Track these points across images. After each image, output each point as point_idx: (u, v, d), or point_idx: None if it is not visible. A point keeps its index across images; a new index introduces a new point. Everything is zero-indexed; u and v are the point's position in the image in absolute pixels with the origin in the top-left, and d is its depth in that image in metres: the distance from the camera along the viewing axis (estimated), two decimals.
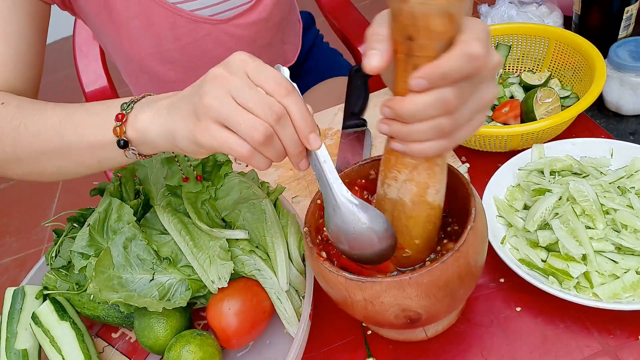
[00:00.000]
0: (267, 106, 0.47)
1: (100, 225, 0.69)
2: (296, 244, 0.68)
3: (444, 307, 0.53)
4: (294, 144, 0.50)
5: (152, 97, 0.57)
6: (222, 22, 0.89)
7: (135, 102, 0.56)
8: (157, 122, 0.53)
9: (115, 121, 0.55)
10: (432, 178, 0.50)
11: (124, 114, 0.55)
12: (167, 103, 0.54)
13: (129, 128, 0.55)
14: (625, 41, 0.83)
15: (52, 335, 0.66)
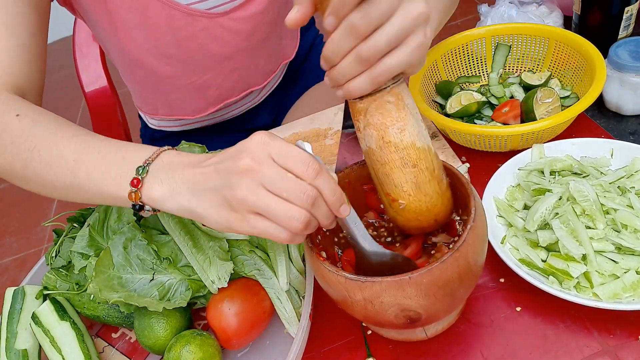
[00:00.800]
0: (301, 192, 0.48)
1: (100, 225, 0.69)
2: (297, 244, 0.68)
3: (443, 306, 0.53)
4: (327, 218, 0.51)
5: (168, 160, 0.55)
6: (218, 15, 0.89)
7: (150, 164, 0.54)
8: (177, 201, 0.53)
9: (131, 186, 0.54)
10: (388, 116, 0.50)
11: (139, 179, 0.54)
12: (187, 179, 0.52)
13: (144, 196, 0.54)
14: (625, 41, 0.83)
15: (52, 335, 0.66)
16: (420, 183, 0.53)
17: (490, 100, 0.90)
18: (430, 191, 0.54)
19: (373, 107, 0.50)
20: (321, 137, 0.94)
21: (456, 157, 0.82)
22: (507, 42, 0.93)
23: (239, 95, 1.03)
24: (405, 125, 0.51)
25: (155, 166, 0.54)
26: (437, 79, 0.93)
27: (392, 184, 0.53)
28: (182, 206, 0.52)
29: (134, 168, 0.54)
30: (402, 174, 0.52)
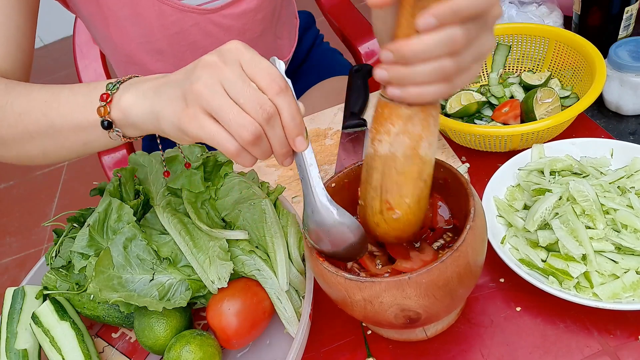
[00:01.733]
0: (258, 104, 0.47)
1: (100, 225, 0.69)
2: (296, 244, 0.68)
3: (443, 306, 0.53)
4: (281, 144, 0.49)
5: (140, 78, 0.56)
6: (209, 12, 0.89)
7: (121, 83, 0.55)
8: (142, 103, 0.53)
9: (100, 101, 0.55)
10: (426, 130, 0.49)
11: (109, 94, 0.54)
12: (155, 84, 0.53)
13: (113, 108, 0.54)
14: (625, 41, 0.83)
15: (52, 335, 0.66)
16: (422, 198, 0.54)
17: (490, 100, 0.90)
18: (424, 206, 0.55)
19: (419, 118, 0.49)
20: (321, 137, 0.94)
21: (456, 157, 0.82)
22: (507, 42, 0.93)
23: None
24: (434, 141, 0.51)
25: (126, 83, 0.55)
26: None
27: (398, 194, 0.53)
28: (145, 110, 0.52)
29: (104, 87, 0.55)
30: (412, 187, 0.52)
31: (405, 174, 0.51)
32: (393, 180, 0.52)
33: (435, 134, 0.51)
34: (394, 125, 0.49)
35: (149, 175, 0.73)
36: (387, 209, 0.54)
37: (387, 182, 0.53)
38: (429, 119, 0.49)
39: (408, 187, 0.52)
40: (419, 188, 0.52)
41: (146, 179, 0.73)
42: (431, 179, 0.53)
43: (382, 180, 0.53)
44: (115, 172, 0.73)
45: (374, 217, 0.56)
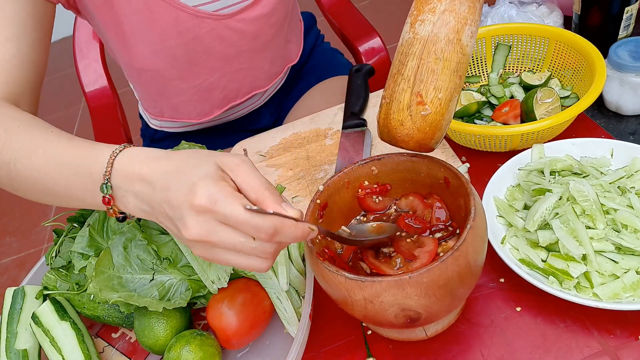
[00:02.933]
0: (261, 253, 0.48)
1: (100, 225, 0.69)
2: (296, 244, 0.68)
3: (444, 306, 0.53)
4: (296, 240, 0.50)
5: (124, 173, 0.53)
6: (225, 17, 0.89)
7: (109, 180, 0.54)
8: (148, 217, 0.53)
9: (104, 204, 0.55)
10: (472, 14, 0.47)
11: (109, 199, 0.54)
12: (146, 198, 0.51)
13: (121, 209, 0.55)
14: (625, 41, 0.83)
15: (52, 335, 0.66)
16: (454, 97, 0.50)
17: (490, 100, 0.90)
18: (453, 110, 0.52)
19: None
20: (321, 137, 0.94)
21: (456, 157, 0.82)
22: (507, 42, 0.93)
23: (243, 97, 1.04)
24: (474, 33, 0.49)
25: (115, 182, 0.54)
26: None
27: (432, 85, 0.49)
28: (155, 221, 0.53)
29: (99, 187, 0.54)
30: (448, 79, 0.49)
31: (444, 60, 0.49)
32: (430, 68, 0.49)
33: (477, 24, 0.48)
34: (441, 1, 0.47)
35: None
36: (418, 103, 0.51)
37: (423, 70, 0.49)
38: (476, 4, 0.47)
39: (444, 78, 0.49)
40: (454, 83, 0.49)
41: None
42: (462, 82, 0.50)
43: (417, 68, 0.50)
44: None
45: (400, 114, 0.52)
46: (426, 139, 0.53)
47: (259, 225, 0.46)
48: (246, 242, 0.47)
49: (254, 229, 0.46)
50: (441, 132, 0.53)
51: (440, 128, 0.52)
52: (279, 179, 0.89)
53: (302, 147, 0.93)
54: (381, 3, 3.03)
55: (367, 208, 0.66)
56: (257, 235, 0.47)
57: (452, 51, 0.48)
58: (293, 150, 0.93)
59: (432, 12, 0.48)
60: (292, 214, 0.48)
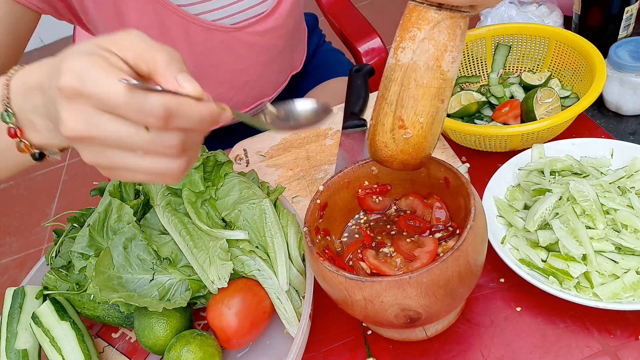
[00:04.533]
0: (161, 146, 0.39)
1: (100, 226, 0.69)
2: (296, 244, 0.68)
3: (444, 306, 0.53)
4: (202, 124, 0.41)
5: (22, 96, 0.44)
6: (235, 29, 0.89)
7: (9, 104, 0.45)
8: (56, 137, 0.45)
9: (11, 137, 0.45)
10: (453, 40, 0.48)
11: (15, 129, 0.45)
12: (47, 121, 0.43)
13: (32, 139, 0.46)
14: (625, 41, 0.83)
15: (52, 335, 0.66)
16: (436, 121, 0.51)
17: (490, 100, 0.90)
18: (436, 132, 0.52)
19: (445, 24, 0.48)
20: (321, 137, 0.94)
21: (456, 157, 0.82)
22: (507, 42, 0.93)
23: (249, 107, 1.04)
24: (456, 59, 0.49)
25: (16, 105, 0.44)
26: None
27: (413, 110, 0.50)
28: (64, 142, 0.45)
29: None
30: (429, 104, 0.50)
31: (425, 87, 0.50)
32: (410, 94, 0.50)
33: (460, 49, 0.49)
34: (421, 29, 0.48)
35: None
36: (400, 127, 0.52)
37: (404, 96, 0.51)
38: (456, 30, 0.48)
39: (425, 103, 0.50)
40: (435, 107, 0.50)
41: None
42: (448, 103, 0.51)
43: (399, 93, 0.51)
44: None
45: (384, 136, 0.53)
46: (409, 159, 0.54)
47: (144, 106, 0.36)
48: (137, 132, 0.37)
49: (138, 111, 0.36)
50: (424, 153, 0.55)
51: (423, 150, 0.54)
52: (279, 179, 0.89)
53: (302, 147, 0.94)
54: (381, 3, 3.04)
55: (367, 208, 0.66)
56: (145, 121, 0.37)
57: (432, 78, 0.49)
58: (293, 150, 0.93)
59: (412, 40, 0.49)
60: (190, 90, 0.38)
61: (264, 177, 0.89)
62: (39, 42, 3.66)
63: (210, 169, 0.73)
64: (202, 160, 0.71)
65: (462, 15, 0.49)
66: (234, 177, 0.72)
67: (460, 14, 0.49)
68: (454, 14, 0.48)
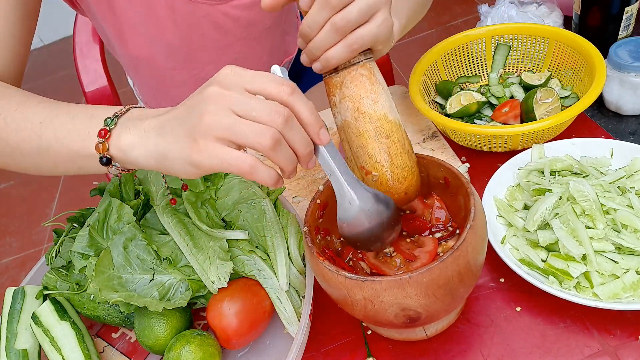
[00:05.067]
0: (272, 111, 0.46)
1: (100, 226, 0.69)
2: (296, 244, 0.68)
3: (444, 306, 0.53)
4: (304, 144, 0.48)
5: (138, 113, 0.54)
6: (219, 2, 0.89)
7: (119, 117, 0.53)
8: (145, 144, 0.51)
9: (98, 137, 0.53)
10: (362, 88, 0.53)
11: (107, 130, 0.52)
12: (156, 123, 0.51)
13: (112, 146, 0.52)
14: (625, 41, 0.83)
15: (52, 335, 0.66)
16: (392, 154, 0.55)
17: (490, 100, 0.90)
18: (401, 163, 0.55)
19: (348, 80, 0.54)
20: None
21: (456, 157, 0.82)
22: (507, 42, 0.93)
23: None
24: (378, 98, 0.54)
25: (124, 118, 0.53)
26: (437, 79, 0.93)
27: (366, 155, 0.55)
28: (149, 151, 0.51)
29: (102, 121, 0.53)
30: (376, 145, 0.54)
31: (362, 134, 0.54)
32: (356, 145, 0.55)
33: (376, 90, 0.54)
34: (335, 95, 0.55)
35: (149, 175, 0.73)
36: (366, 174, 0.56)
37: (354, 149, 0.56)
38: (360, 78, 0.53)
39: (372, 146, 0.54)
40: (384, 144, 0.54)
41: (146, 179, 0.73)
42: (399, 136, 0.55)
43: (350, 149, 0.56)
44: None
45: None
46: (395, 195, 0.57)
47: (279, 79, 0.47)
48: (256, 98, 0.46)
49: (273, 81, 0.47)
50: (404, 184, 0.57)
51: (399, 182, 0.56)
52: None
53: None
54: None
55: None
56: (275, 88, 0.47)
57: (364, 124, 0.54)
58: None
59: (335, 106, 0.56)
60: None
61: None
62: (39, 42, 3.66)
63: None
64: None
65: (360, 65, 0.55)
66: (234, 177, 0.72)
67: (356, 65, 0.55)
68: (350, 69, 0.54)
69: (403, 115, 0.92)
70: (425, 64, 0.90)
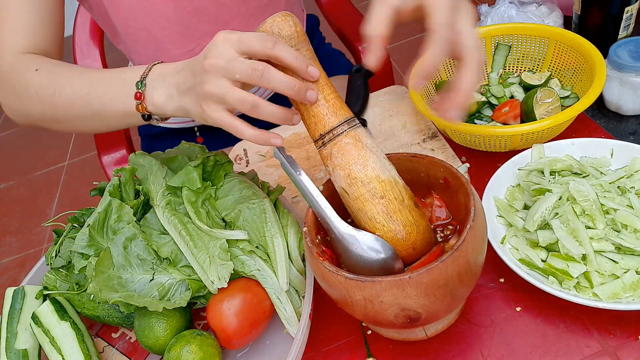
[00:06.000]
0: (249, 69, 0.53)
1: (100, 225, 0.69)
2: (296, 244, 0.68)
3: (443, 306, 0.53)
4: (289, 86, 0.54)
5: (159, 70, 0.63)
6: None
7: (145, 78, 0.63)
8: (171, 103, 0.61)
9: (135, 99, 0.63)
10: (349, 156, 0.56)
11: (140, 93, 0.63)
12: (175, 82, 0.61)
13: (148, 105, 0.63)
14: (625, 41, 0.83)
15: (52, 335, 0.66)
16: (391, 213, 0.56)
17: (490, 100, 0.90)
18: (402, 220, 0.56)
19: (335, 150, 0.56)
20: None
21: (456, 157, 0.82)
22: (507, 42, 0.93)
23: None
24: (367, 161, 0.56)
25: (150, 78, 0.63)
26: (437, 78, 0.93)
27: (366, 217, 0.56)
28: (177, 106, 0.61)
29: (134, 85, 0.64)
30: (372, 206, 0.56)
31: (358, 198, 0.56)
32: (355, 209, 0.57)
33: (364, 155, 0.56)
34: (328, 166, 0.58)
35: (149, 175, 0.73)
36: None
37: (354, 214, 0.58)
38: (346, 147, 0.56)
39: (368, 208, 0.56)
40: (380, 204, 0.55)
41: (146, 179, 0.73)
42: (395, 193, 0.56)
43: (353, 213, 0.58)
44: (115, 172, 0.73)
45: None
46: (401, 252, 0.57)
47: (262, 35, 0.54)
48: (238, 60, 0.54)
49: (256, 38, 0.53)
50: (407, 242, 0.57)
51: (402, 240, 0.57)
52: (279, 179, 0.89)
53: (302, 147, 0.94)
54: None
55: None
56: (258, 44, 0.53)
57: (357, 188, 0.56)
58: (293, 150, 0.93)
59: (330, 175, 0.58)
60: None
61: (264, 177, 0.89)
62: None
63: (210, 169, 0.73)
64: (202, 160, 0.71)
65: (344, 135, 0.56)
66: (234, 177, 0.72)
67: (341, 136, 0.56)
68: (335, 141, 0.56)
69: (403, 115, 0.92)
70: None
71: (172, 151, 0.76)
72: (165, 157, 0.75)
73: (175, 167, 0.75)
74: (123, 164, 1.14)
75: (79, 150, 2.74)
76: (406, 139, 0.88)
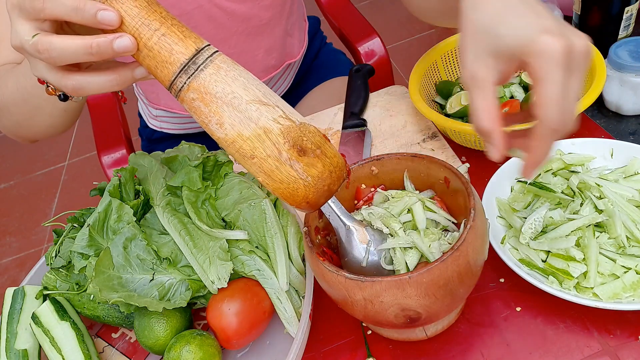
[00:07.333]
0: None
1: (100, 225, 0.69)
2: (296, 244, 0.68)
3: (443, 306, 0.53)
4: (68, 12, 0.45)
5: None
6: None
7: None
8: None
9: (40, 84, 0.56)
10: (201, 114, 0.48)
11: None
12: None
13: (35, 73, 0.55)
14: (625, 41, 0.83)
15: (52, 335, 0.66)
16: (268, 172, 0.47)
17: None
18: (282, 177, 0.47)
19: (189, 108, 0.47)
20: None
21: (456, 157, 0.82)
22: None
23: None
24: (222, 119, 0.46)
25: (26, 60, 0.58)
26: (437, 79, 0.93)
27: (255, 175, 0.49)
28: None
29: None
30: (249, 167, 0.48)
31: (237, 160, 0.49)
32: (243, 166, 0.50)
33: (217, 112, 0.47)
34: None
35: (149, 175, 0.73)
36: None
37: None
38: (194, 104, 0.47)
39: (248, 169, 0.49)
40: (254, 166, 0.48)
41: (146, 179, 0.73)
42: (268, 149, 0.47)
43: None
44: (115, 172, 0.73)
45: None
46: (296, 207, 0.50)
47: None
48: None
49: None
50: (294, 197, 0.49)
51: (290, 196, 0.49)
52: None
53: None
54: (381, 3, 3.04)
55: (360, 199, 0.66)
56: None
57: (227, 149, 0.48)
58: None
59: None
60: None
61: None
62: None
63: (210, 169, 0.73)
64: (202, 160, 0.71)
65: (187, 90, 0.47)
66: (234, 177, 0.72)
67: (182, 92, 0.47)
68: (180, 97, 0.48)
69: (403, 115, 0.92)
70: (425, 64, 0.90)
71: (172, 151, 0.76)
72: (165, 157, 0.75)
73: (175, 167, 0.75)
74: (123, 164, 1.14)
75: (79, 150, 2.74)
76: (406, 139, 0.88)
